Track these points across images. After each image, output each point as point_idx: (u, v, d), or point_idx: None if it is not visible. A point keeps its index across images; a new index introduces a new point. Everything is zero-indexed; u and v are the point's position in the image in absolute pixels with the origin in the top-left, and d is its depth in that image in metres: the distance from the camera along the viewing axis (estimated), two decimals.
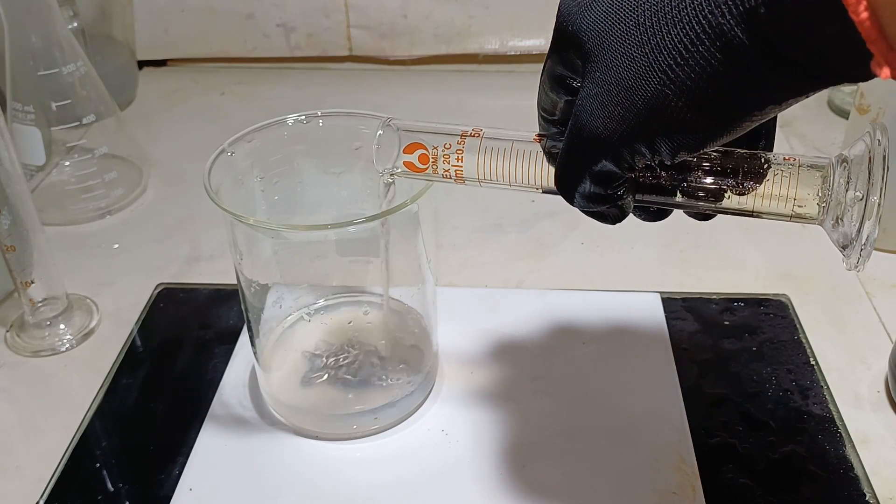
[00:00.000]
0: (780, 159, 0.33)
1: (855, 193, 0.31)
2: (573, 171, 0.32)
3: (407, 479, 0.44)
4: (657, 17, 0.28)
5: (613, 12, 0.30)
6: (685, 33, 0.27)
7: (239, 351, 0.51)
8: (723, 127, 0.29)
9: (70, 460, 0.45)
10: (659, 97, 0.28)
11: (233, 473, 0.44)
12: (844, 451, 0.45)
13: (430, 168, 0.37)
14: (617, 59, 0.29)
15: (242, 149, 0.43)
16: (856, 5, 0.23)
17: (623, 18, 0.29)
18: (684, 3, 0.27)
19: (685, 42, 0.27)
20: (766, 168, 0.33)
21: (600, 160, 0.31)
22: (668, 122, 0.29)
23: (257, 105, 0.82)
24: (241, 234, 0.43)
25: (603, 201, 0.33)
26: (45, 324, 0.53)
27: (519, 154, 0.36)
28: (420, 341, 0.49)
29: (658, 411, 0.47)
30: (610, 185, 0.32)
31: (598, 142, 0.31)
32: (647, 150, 0.30)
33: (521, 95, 0.87)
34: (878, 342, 0.52)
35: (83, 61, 0.62)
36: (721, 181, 0.33)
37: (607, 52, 0.30)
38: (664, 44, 0.28)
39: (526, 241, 0.62)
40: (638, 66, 0.29)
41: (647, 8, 0.28)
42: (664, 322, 0.53)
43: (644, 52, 0.28)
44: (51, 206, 0.64)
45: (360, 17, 0.85)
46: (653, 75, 0.28)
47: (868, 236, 0.30)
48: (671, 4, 0.28)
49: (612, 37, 0.30)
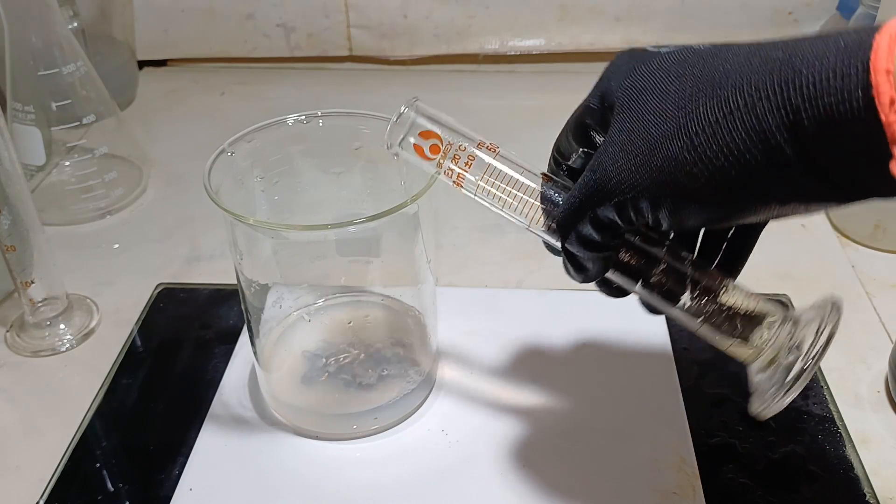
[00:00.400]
0: (739, 290, 0.35)
1: (795, 358, 0.32)
2: (579, 208, 0.33)
3: (407, 479, 0.44)
4: (698, 89, 0.29)
5: (656, 75, 0.30)
6: (720, 108, 0.28)
7: (239, 351, 0.51)
8: (734, 209, 0.30)
9: (70, 460, 0.45)
10: (678, 161, 0.29)
11: (233, 473, 0.44)
12: (844, 451, 0.45)
13: (437, 160, 0.37)
14: (648, 115, 0.30)
15: (242, 149, 0.43)
16: (888, 108, 0.24)
17: (663, 80, 0.30)
18: (726, 80, 0.28)
19: (717, 117, 0.28)
20: (727, 292, 0.34)
21: (605, 205, 0.32)
22: (680, 188, 0.29)
23: (257, 105, 0.82)
24: (241, 234, 0.43)
25: (594, 248, 0.33)
26: (45, 324, 0.53)
27: (521, 186, 0.36)
28: (420, 341, 0.49)
29: (658, 411, 0.47)
30: (605, 233, 0.33)
31: (609, 186, 0.31)
32: (648, 210, 0.31)
33: (521, 95, 0.88)
34: (878, 342, 0.52)
35: (83, 61, 0.62)
36: (681, 289, 0.34)
37: (640, 106, 0.31)
38: (698, 115, 0.28)
39: (526, 241, 0.62)
40: (667, 126, 0.29)
41: (691, 78, 0.29)
42: (664, 322, 0.53)
43: (677, 115, 0.29)
44: (51, 206, 0.64)
45: (360, 17, 0.85)
46: (678, 139, 0.29)
47: (785, 401, 0.32)
48: (714, 80, 0.28)
49: (648, 94, 0.30)
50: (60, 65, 0.61)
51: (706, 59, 0.29)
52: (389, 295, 0.51)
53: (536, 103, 0.79)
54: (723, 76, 0.28)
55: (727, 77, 0.28)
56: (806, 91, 0.25)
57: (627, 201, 0.31)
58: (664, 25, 0.83)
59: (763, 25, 0.83)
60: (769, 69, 0.27)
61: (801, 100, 0.25)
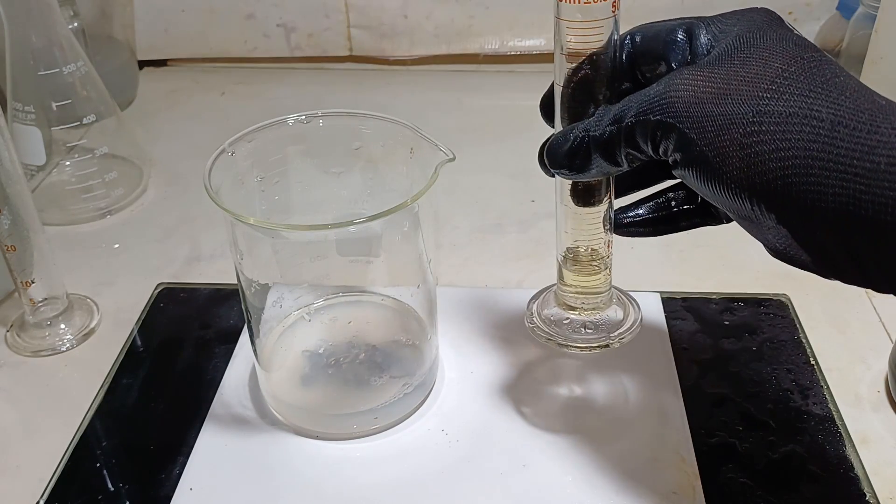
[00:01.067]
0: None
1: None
2: (626, 134, 0.33)
3: (407, 479, 0.44)
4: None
5: (792, 50, 0.31)
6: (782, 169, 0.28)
7: (239, 351, 0.51)
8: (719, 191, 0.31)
9: (70, 460, 0.45)
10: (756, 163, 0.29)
11: (233, 473, 0.44)
12: (844, 451, 0.45)
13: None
14: (759, 91, 0.30)
15: (242, 149, 0.43)
16: None
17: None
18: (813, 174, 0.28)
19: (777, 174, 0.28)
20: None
21: (621, 145, 0.33)
22: (696, 157, 0.31)
23: (257, 105, 0.82)
24: (241, 234, 0.43)
25: (610, 161, 0.35)
26: (45, 324, 0.53)
27: None
28: (420, 341, 0.49)
29: (658, 411, 0.47)
30: (603, 149, 0.34)
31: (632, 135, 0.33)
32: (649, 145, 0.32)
33: (521, 95, 0.88)
34: (878, 342, 0.52)
35: (83, 61, 0.62)
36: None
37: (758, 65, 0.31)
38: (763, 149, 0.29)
39: (526, 241, 0.62)
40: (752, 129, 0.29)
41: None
42: (664, 322, 0.53)
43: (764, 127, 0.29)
44: (51, 206, 0.64)
45: (360, 17, 0.85)
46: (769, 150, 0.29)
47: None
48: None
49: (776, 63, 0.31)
50: (60, 65, 0.61)
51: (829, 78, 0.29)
52: (389, 295, 0.51)
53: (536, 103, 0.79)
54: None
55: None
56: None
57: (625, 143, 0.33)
58: None
59: None
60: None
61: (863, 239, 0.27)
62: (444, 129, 0.40)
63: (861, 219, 0.27)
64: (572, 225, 0.41)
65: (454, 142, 0.42)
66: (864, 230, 0.27)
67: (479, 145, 0.73)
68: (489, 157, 0.71)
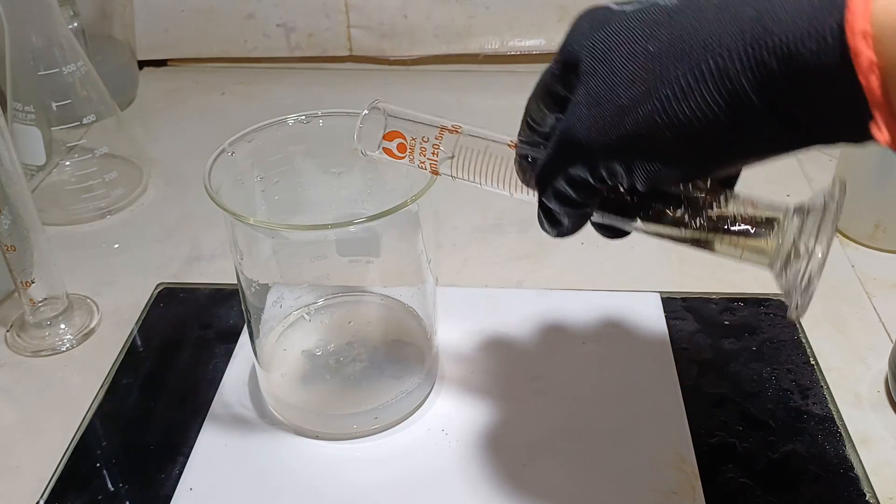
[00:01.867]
0: (740, 198, 0.34)
1: (806, 245, 0.31)
2: (552, 167, 0.33)
3: (407, 479, 0.44)
4: (667, 51, 0.28)
5: (622, 35, 0.30)
6: (691, 71, 0.27)
7: (239, 351, 0.51)
8: (708, 167, 0.30)
9: (70, 460, 0.45)
10: (649, 124, 0.28)
11: (233, 473, 0.44)
12: (844, 451, 0.45)
13: (406, 157, 0.38)
14: (616, 78, 0.30)
15: (242, 149, 0.43)
16: (868, 71, 0.24)
17: (630, 41, 0.29)
18: (696, 41, 0.27)
19: (689, 80, 0.27)
20: (726, 204, 0.33)
21: (576, 164, 0.31)
22: (652, 151, 0.29)
23: (257, 105, 0.82)
24: (241, 234, 0.43)
25: (568, 204, 0.33)
26: (45, 324, 0.53)
27: (492, 157, 0.36)
28: (420, 341, 0.49)
29: (658, 411, 0.47)
30: (580, 191, 0.32)
31: (580, 147, 0.31)
32: (622, 171, 0.30)
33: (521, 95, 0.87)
34: (878, 342, 0.52)
35: (83, 61, 0.62)
36: (682, 213, 0.34)
37: (607, 69, 0.30)
38: (669, 78, 0.28)
39: (526, 241, 0.62)
40: (636, 89, 0.29)
41: (659, 39, 0.29)
42: (664, 322, 0.53)
43: (646, 78, 0.29)
44: (51, 206, 0.64)
45: (360, 17, 0.85)
46: (649, 103, 0.28)
47: (812, 288, 0.31)
48: (683, 40, 0.28)
49: (615, 55, 0.30)
50: (60, 65, 0.61)
51: (674, 17, 0.29)
52: (389, 295, 0.51)
53: None
54: (692, 36, 0.27)
55: (697, 36, 0.27)
56: (779, 52, 0.25)
57: (599, 163, 0.31)
58: None
59: None
60: (740, 28, 0.26)
61: (774, 61, 0.25)
62: None
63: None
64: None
65: None
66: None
67: None
68: None
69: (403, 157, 0.38)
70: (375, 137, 0.38)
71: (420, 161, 0.38)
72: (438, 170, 0.37)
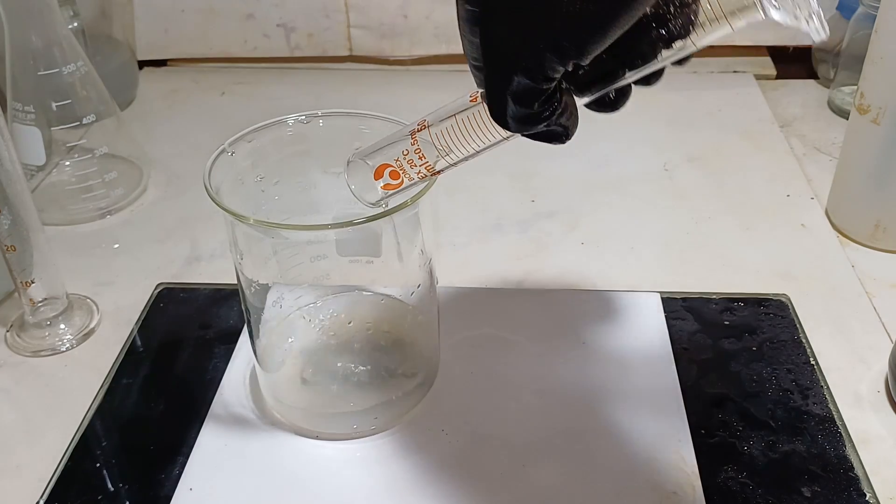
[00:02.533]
0: None
1: None
2: (496, 96, 0.32)
3: (407, 479, 0.44)
4: None
5: None
6: None
7: (239, 351, 0.51)
8: (618, 12, 0.28)
9: (70, 460, 0.45)
10: (550, 4, 0.28)
11: (233, 473, 0.44)
12: (844, 451, 0.45)
13: (404, 178, 0.38)
14: None
15: (242, 149, 0.43)
16: None
17: None
18: None
19: None
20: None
21: (513, 78, 0.30)
22: (564, 19, 0.28)
23: (257, 105, 0.82)
24: (241, 234, 0.43)
25: (535, 121, 0.32)
26: (45, 324, 0.53)
27: (465, 122, 0.36)
28: (420, 341, 0.49)
29: (658, 411, 0.47)
30: (534, 102, 0.31)
31: (506, 60, 0.30)
32: (555, 57, 0.29)
33: None
34: (878, 342, 0.52)
35: (83, 61, 0.62)
36: (657, 36, 0.31)
37: None
38: None
39: (526, 241, 0.62)
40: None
41: None
42: (664, 322, 0.53)
43: None
44: (51, 206, 0.64)
45: (360, 17, 0.85)
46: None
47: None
48: None
49: None
50: (60, 65, 0.61)
51: None
52: (389, 295, 0.51)
53: None
54: None
55: None
56: None
57: (531, 61, 0.30)
58: None
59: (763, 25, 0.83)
60: None
61: None
62: None
63: None
64: None
65: None
66: None
67: None
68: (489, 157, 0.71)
69: (402, 181, 0.38)
70: (371, 185, 0.38)
71: (416, 173, 0.37)
72: (435, 168, 0.37)
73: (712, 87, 0.83)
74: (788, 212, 0.64)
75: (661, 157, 0.71)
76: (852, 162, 0.59)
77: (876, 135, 0.56)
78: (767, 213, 0.64)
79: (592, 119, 0.36)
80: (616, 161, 0.71)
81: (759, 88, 0.82)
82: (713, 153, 0.72)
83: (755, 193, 0.67)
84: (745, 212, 0.64)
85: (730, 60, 0.86)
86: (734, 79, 0.84)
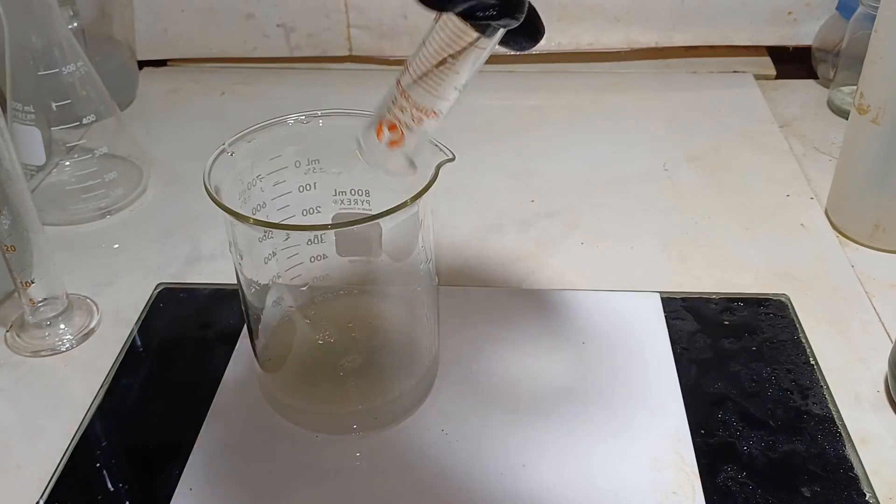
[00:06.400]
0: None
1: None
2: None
3: (407, 479, 0.44)
4: None
5: None
6: None
7: (239, 351, 0.51)
8: None
9: (70, 460, 0.45)
10: None
11: (233, 473, 0.44)
12: (844, 451, 0.45)
13: (403, 128, 0.37)
14: None
15: (242, 149, 0.43)
16: None
17: None
18: None
19: None
20: None
21: None
22: None
23: (257, 105, 0.82)
24: (240, 234, 0.43)
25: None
26: (45, 324, 0.53)
27: (430, 42, 0.36)
28: (420, 341, 0.49)
29: (658, 411, 0.47)
30: None
31: None
32: None
33: (521, 95, 0.88)
34: (878, 342, 0.52)
35: (83, 61, 0.62)
36: None
37: None
38: None
39: (526, 241, 0.62)
40: None
41: None
42: (664, 322, 0.53)
43: None
44: (51, 206, 0.64)
45: (360, 17, 0.85)
46: None
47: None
48: None
49: None
50: (60, 65, 0.61)
51: None
52: (389, 295, 0.51)
53: (536, 103, 0.79)
54: None
55: None
56: None
57: None
58: (664, 25, 0.83)
59: (762, 25, 0.83)
60: None
61: None
62: (444, 129, 0.40)
63: None
64: None
65: (454, 142, 0.42)
66: None
67: (479, 145, 0.73)
68: (489, 157, 0.71)
69: (400, 131, 0.37)
70: (382, 151, 0.38)
71: (409, 117, 0.37)
72: (423, 104, 0.37)
73: (712, 87, 0.83)
74: (788, 212, 0.64)
75: (661, 157, 0.71)
76: (852, 162, 0.59)
77: (876, 135, 0.56)
78: (767, 213, 0.64)
79: (593, 119, 0.36)
80: (616, 161, 0.71)
81: (759, 88, 0.82)
82: (713, 153, 0.72)
83: (755, 193, 0.67)
84: (745, 212, 0.64)
85: (729, 60, 0.86)
86: (734, 79, 0.84)
